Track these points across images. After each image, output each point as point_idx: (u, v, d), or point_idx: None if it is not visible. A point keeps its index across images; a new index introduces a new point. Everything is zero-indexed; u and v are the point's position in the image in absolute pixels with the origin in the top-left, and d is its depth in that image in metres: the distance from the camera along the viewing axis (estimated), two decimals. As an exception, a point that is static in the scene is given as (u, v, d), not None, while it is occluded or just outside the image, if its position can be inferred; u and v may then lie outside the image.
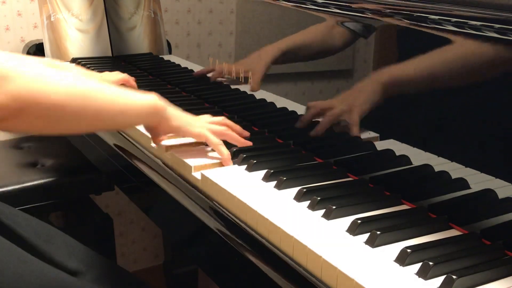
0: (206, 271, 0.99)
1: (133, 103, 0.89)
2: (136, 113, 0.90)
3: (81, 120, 0.83)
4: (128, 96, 0.89)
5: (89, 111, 0.82)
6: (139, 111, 0.90)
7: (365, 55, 0.97)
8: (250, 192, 0.84)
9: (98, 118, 0.85)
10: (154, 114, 0.93)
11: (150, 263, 2.21)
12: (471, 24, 0.76)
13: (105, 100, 0.84)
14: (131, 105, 0.89)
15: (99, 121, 0.86)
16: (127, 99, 0.88)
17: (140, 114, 0.91)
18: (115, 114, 0.87)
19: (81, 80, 0.82)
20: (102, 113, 0.85)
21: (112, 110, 0.86)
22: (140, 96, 0.90)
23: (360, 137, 0.97)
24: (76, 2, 1.71)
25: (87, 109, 0.82)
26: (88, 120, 0.84)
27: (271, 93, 1.18)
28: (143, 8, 1.68)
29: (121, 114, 0.88)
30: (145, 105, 0.91)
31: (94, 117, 0.84)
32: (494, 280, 0.65)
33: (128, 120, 0.92)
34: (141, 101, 0.90)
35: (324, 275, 0.68)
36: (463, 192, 0.81)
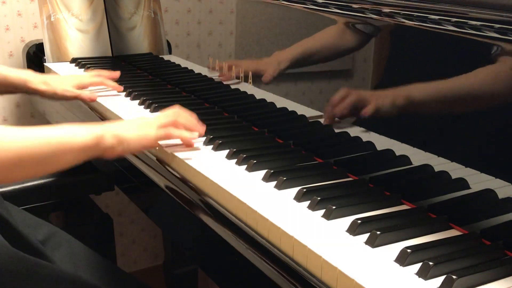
0: (206, 271, 0.99)
1: (69, 147, 0.87)
2: (74, 155, 0.88)
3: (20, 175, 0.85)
4: (64, 140, 0.87)
5: (26, 168, 0.83)
6: (77, 152, 0.88)
7: (365, 55, 0.97)
8: (250, 192, 0.84)
9: (37, 170, 0.86)
10: (94, 150, 0.91)
11: (150, 263, 2.21)
12: (471, 24, 0.76)
13: (41, 154, 0.84)
14: (67, 150, 0.87)
15: (38, 172, 0.88)
16: (63, 144, 0.87)
17: (79, 154, 0.89)
18: (53, 163, 0.87)
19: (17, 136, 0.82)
20: (40, 166, 0.85)
21: (49, 161, 0.86)
22: (76, 133, 0.89)
23: (360, 137, 0.97)
24: (76, 2, 1.71)
25: (24, 167, 0.83)
26: (27, 174, 0.86)
27: (271, 93, 1.18)
28: (143, 8, 1.68)
29: (59, 161, 0.87)
30: (82, 145, 0.88)
31: (32, 171, 0.85)
32: (494, 280, 0.65)
33: (68, 163, 0.89)
34: (77, 142, 0.88)
35: (324, 275, 0.68)
36: (463, 192, 0.81)
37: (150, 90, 1.39)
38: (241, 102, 1.25)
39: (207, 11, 1.37)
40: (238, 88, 1.26)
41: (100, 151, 0.91)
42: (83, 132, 0.89)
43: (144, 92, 1.36)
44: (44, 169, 0.87)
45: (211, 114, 1.23)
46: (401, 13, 0.85)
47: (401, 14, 0.85)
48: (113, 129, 0.94)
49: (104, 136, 0.91)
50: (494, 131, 0.78)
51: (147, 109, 1.26)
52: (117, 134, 0.93)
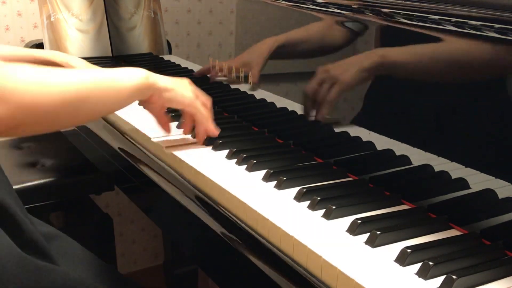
0: (206, 271, 0.99)
1: (123, 86, 0.89)
2: (128, 94, 0.91)
3: (76, 118, 0.86)
4: (118, 78, 0.89)
5: (83, 110, 0.83)
6: (130, 92, 0.90)
7: (365, 55, 0.96)
8: (250, 192, 0.84)
9: (94, 112, 0.88)
10: (146, 89, 0.93)
11: (150, 263, 2.21)
12: (471, 24, 0.76)
13: (97, 94, 0.85)
14: (122, 89, 0.89)
15: (94, 114, 0.90)
16: (117, 83, 0.88)
17: (132, 94, 0.91)
18: (108, 103, 0.89)
19: (71, 78, 0.82)
20: (97, 107, 0.86)
21: (105, 101, 0.87)
22: (129, 74, 0.91)
23: (360, 137, 0.97)
24: (76, 2, 1.71)
25: (80, 110, 0.83)
26: (83, 116, 0.87)
27: (271, 93, 1.18)
28: (143, 8, 1.68)
29: (115, 101, 0.89)
30: (135, 84, 0.91)
31: (89, 113, 0.86)
32: (494, 280, 0.65)
33: (123, 103, 0.92)
34: (130, 80, 0.90)
35: (324, 275, 0.68)
36: (463, 192, 0.81)
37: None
38: (241, 102, 1.25)
39: (207, 11, 1.37)
40: (238, 88, 1.26)
41: (150, 91, 0.94)
42: (135, 72, 0.92)
43: (144, 92, 1.36)
44: (100, 110, 0.89)
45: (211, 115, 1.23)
46: (401, 13, 0.85)
47: (401, 14, 0.85)
48: (163, 77, 0.97)
49: (155, 79, 0.94)
50: (494, 131, 0.78)
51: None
52: (167, 82, 0.96)
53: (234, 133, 1.09)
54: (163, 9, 1.61)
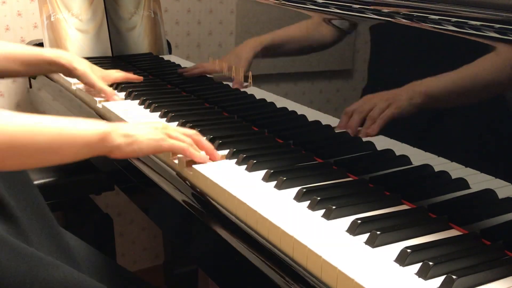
0: (206, 271, 0.99)
1: (71, 140, 0.85)
2: (75, 150, 0.86)
3: (24, 162, 0.83)
4: (68, 132, 0.85)
5: (30, 155, 0.81)
6: (79, 147, 0.86)
7: (365, 55, 0.97)
8: (250, 192, 0.84)
9: (43, 159, 0.84)
10: (100, 147, 0.88)
11: (150, 263, 2.21)
12: (471, 24, 0.76)
13: (38, 142, 0.81)
14: (69, 142, 0.85)
15: (44, 161, 0.85)
16: (65, 135, 0.84)
17: (81, 149, 0.86)
18: (58, 148, 0.84)
19: (16, 120, 0.80)
20: (44, 155, 0.83)
21: (54, 150, 0.83)
22: (83, 128, 0.86)
23: (360, 137, 0.97)
24: (76, 2, 1.71)
25: (26, 154, 0.81)
26: (31, 162, 0.84)
27: (271, 93, 1.18)
28: (143, 8, 1.68)
29: (57, 153, 0.85)
30: (86, 140, 0.86)
31: (37, 159, 0.83)
32: (494, 280, 0.65)
33: (68, 157, 0.87)
34: (81, 135, 0.86)
35: (324, 275, 0.68)
36: (463, 192, 0.81)
37: (150, 90, 1.40)
38: (241, 102, 1.25)
39: (207, 11, 1.37)
40: (238, 88, 1.26)
41: (107, 148, 0.88)
42: (89, 126, 0.86)
43: (144, 92, 1.36)
44: (41, 160, 0.84)
45: (211, 114, 1.23)
46: (401, 13, 0.85)
47: (401, 14, 0.85)
48: (124, 128, 0.91)
49: (111, 134, 0.88)
50: (494, 131, 0.78)
51: (147, 109, 1.26)
52: (127, 133, 0.90)
53: (234, 133, 1.09)
54: (163, 9, 1.61)
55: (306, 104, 1.09)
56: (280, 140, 1.07)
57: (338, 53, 1.02)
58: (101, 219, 1.58)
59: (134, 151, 0.91)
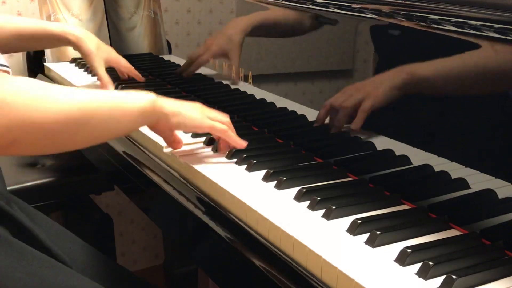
0: (206, 271, 0.99)
1: (128, 109, 0.86)
2: (132, 119, 0.87)
3: (75, 140, 0.81)
4: (122, 102, 0.85)
5: (83, 131, 0.80)
6: (135, 116, 0.87)
7: (365, 55, 0.97)
8: (250, 192, 0.84)
9: (95, 135, 0.83)
10: (151, 114, 0.90)
11: (150, 263, 2.21)
12: (471, 24, 0.76)
13: (99, 116, 0.81)
14: (126, 112, 0.86)
15: (95, 138, 0.85)
16: (121, 106, 0.85)
17: (136, 118, 0.88)
18: (111, 127, 0.85)
19: (73, 96, 0.78)
20: (98, 130, 0.82)
21: (107, 124, 0.83)
22: (134, 99, 0.87)
23: (360, 137, 0.97)
24: (76, 2, 1.71)
25: (80, 131, 0.79)
26: (83, 139, 0.82)
27: (271, 93, 1.18)
28: (143, 8, 1.68)
29: (117, 125, 0.85)
30: (140, 107, 0.87)
31: (89, 136, 0.82)
32: (494, 280, 0.65)
33: (126, 128, 0.89)
34: (135, 104, 0.87)
35: (324, 275, 0.68)
36: (463, 192, 0.81)
37: (150, 90, 1.39)
38: (241, 102, 1.25)
39: (207, 11, 1.37)
40: (238, 88, 1.26)
41: (156, 117, 0.91)
42: (140, 96, 0.88)
43: (144, 92, 1.36)
44: (105, 133, 0.85)
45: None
46: (401, 13, 0.85)
47: (401, 14, 0.85)
48: (170, 101, 0.94)
49: (161, 103, 0.91)
50: (494, 131, 0.78)
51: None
52: (174, 105, 0.93)
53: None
54: (163, 9, 1.61)
55: (306, 104, 1.09)
56: (280, 140, 1.07)
57: (338, 53, 1.02)
58: (101, 219, 1.58)
59: (179, 124, 0.94)
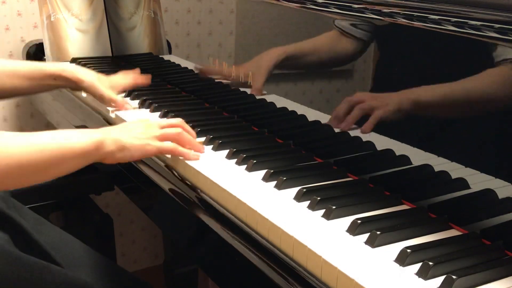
0: (206, 271, 0.99)
1: (70, 152, 0.87)
2: (75, 160, 0.88)
3: (28, 179, 0.85)
4: (65, 145, 0.87)
5: (33, 172, 0.84)
6: (77, 158, 0.88)
7: (365, 55, 0.97)
8: (250, 192, 0.84)
9: (43, 174, 0.86)
10: (94, 155, 0.90)
11: (150, 263, 2.21)
12: (471, 24, 0.76)
13: (44, 158, 0.83)
14: (68, 155, 0.87)
15: (45, 175, 0.87)
16: (64, 148, 0.86)
17: (79, 160, 0.89)
18: (56, 168, 0.86)
19: (21, 142, 0.82)
20: (46, 169, 0.85)
21: (52, 166, 0.85)
22: (77, 139, 0.88)
23: (360, 137, 0.97)
24: (76, 2, 1.71)
25: (30, 172, 0.83)
26: (35, 178, 0.86)
27: (271, 93, 1.18)
28: (143, 8, 1.68)
29: (62, 166, 0.87)
30: (83, 149, 0.88)
31: (41, 175, 0.85)
32: (494, 280, 0.65)
33: (71, 168, 0.89)
34: (78, 146, 0.88)
35: (324, 275, 0.68)
36: (463, 192, 0.81)
37: (150, 90, 1.39)
38: (241, 102, 1.25)
39: (207, 11, 1.37)
40: (238, 88, 1.26)
41: (100, 156, 0.91)
42: (83, 137, 0.89)
43: (144, 92, 1.36)
44: (44, 176, 0.86)
45: (211, 114, 1.23)
46: (401, 13, 0.85)
47: (401, 14, 0.85)
48: (114, 134, 0.93)
49: (104, 142, 0.90)
50: (494, 131, 0.78)
51: (147, 109, 1.25)
52: (118, 139, 0.92)
53: (234, 133, 1.09)
54: (163, 9, 1.61)
55: (306, 104, 1.09)
56: (280, 140, 1.07)
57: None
58: (101, 219, 1.58)
59: (125, 157, 0.94)
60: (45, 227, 1.13)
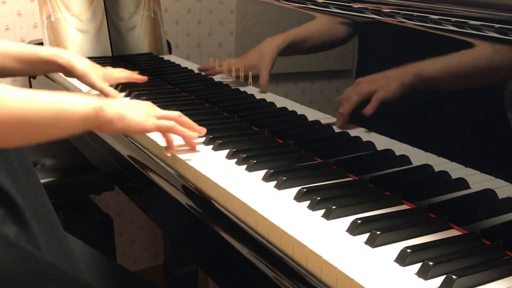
0: (206, 271, 0.99)
1: (70, 114, 0.87)
2: (74, 123, 0.88)
3: (27, 138, 0.85)
4: (66, 106, 0.87)
5: (32, 130, 0.84)
6: (77, 121, 0.88)
7: (365, 55, 0.96)
8: (250, 192, 0.84)
9: (45, 134, 0.86)
10: (93, 120, 0.90)
11: (150, 263, 2.21)
12: (471, 24, 0.76)
13: (43, 118, 0.84)
14: (68, 117, 0.87)
15: (46, 136, 0.87)
16: (65, 110, 0.87)
17: (78, 123, 0.89)
18: (57, 128, 0.87)
19: (23, 97, 0.82)
20: (46, 130, 0.86)
21: (53, 125, 0.86)
22: (78, 104, 0.89)
23: (360, 137, 0.97)
24: (76, 2, 1.71)
25: (29, 130, 0.83)
26: (34, 136, 0.86)
27: (271, 93, 1.18)
28: (143, 8, 1.68)
29: (61, 127, 0.87)
30: (83, 113, 0.88)
31: (40, 134, 0.86)
32: (494, 280, 0.65)
33: (69, 130, 0.90)
34: (78, 109, 0.88)
35: (324, 275, 0.68)
36: (463, 192, 0.81)
37: (150, 90, 1.40)
38: (241, 102, 1.25)
39: (207, 11, 1.37)
40: (238, 88, 1.26)
41: (99, 122, 0.91)
42: (84, 101, 0.89)
43: (144, 92, 1.36)
44: (42, 134, 0.86)
45: (211, 114, 1.23)
46: (401, 13, 0.85)
47: (401, 14, 0.85)
48: (115, 104, 0.94)
49: (104, 109, 0.91)
50: (494, 131, 0.78)
51: (147, 109, 1.25)
52: (118, 109, 0.93)
53: (234, 133, 1.09)
54: (163, 9, 1.61)
55: (306, 104, 1.09)
56: (280, 140, 1.07)
57: (338, 53, 1.02)
58: (101, 219, 1.58)
59: (123, 128, 0.95)
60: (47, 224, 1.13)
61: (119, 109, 0.94)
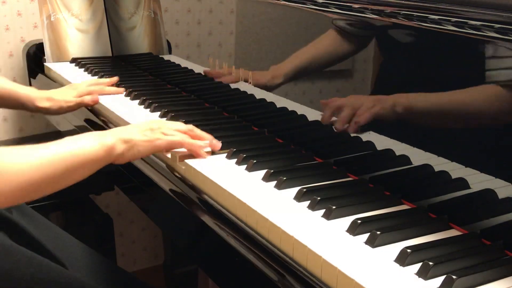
0: (206, 271, 0.99)
1: (81, 159, 0.87)
2: (89, 167, 0.89)
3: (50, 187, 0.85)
4: (74, 152, 0.87)
5: (54, 182, 0.84)
6: (91, 165, 0.89)
7: (365, 55, 0.96)
8: (250, 192, 0.84)
9: (62, 183, 0.86)
10: (106, 159, 0.90)
11: (150, 263, 2.21)
12: (471, 24, 0.76)
13: (60, 170, 0.84)
14: (80, 161, 0.87)
15: (54, 187, 0.86)
16: (73, 157, 0.86)
17: (92, 167, 0.89)
18: (74, 171, 0.87)
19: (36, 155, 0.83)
20: (64, 179, 0.86)
21: (71, 169, 0.86)
22: (86, 145, 0.88)
23: (360, 137, 0.97)
24: (76, 2, 1.71)
25: (51, 183, 0.84)
26: (54, 187, 0.85)
27: (271, 93, 1.18)
28: (143, 8, 1.68)
29: (80, 173, 0.88)
30: (94, 154, 0.88)
31: (47, 187, 0.85)
32: (494, 280, 0.65)
33: (82, 174, 0.89)
34: (88, 152, 0.88)
35: (324, 275, 0.68)
36: (463, 192, 0.81)
37: (150, 90, 1.40)
38: (241, 102, 1.25)
39: (207, 11, 1.37)
40: (238, 88, 1.26)
41: (112, 159, 0.92)
42: (94, 143, 0.89)
43: (144, 92, 1.36)
44: (57, 187, 0.86)
45: (211, 114, 1.23)
46: (401, 13, 0.85)
47: (401, 14, 0.85)
48: (123, 134, 0.93)
49: (115, 145, 0.91)
50: (494, 131, 0.78)
51: (147, 109, 1.26)
52: (127, 139, 0.93)
53: (234, 133, 1.09)
54: (163, 9, 1.61)
55: (306, 104, 1.09)
56: (280, 140, 1.07)
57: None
58: (101, 219, 1.58)
59: (134, 155, 0.95)
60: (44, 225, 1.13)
61: (127, 137, 0.93)
